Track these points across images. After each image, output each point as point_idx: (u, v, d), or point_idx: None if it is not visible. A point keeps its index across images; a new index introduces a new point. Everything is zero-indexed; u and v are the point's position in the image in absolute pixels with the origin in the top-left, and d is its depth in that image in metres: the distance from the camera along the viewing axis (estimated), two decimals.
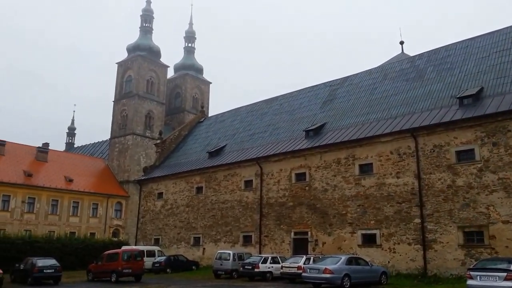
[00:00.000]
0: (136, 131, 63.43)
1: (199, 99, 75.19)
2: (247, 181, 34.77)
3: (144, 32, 71.43)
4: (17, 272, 26.27)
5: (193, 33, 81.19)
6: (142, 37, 70.81)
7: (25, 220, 48.44)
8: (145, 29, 71.61)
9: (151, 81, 67.81)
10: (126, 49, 70.49)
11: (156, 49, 70.61)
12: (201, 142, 45.17)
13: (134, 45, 69.58)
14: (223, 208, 35.90)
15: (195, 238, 37.89)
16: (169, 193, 41.61)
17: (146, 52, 68.34)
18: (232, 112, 46.25)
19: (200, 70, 79.06)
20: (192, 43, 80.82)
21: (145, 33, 71.34)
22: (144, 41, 69.88)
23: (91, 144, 79.70)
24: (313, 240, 28.99)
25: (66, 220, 52.00)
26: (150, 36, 71.66)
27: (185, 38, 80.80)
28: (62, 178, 53.45)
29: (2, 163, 49.41)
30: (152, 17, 72.84)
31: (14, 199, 47.97)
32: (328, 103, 35.06)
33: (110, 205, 57.05)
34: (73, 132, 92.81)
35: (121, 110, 66.02)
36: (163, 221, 41.33)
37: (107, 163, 64.46)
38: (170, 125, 70.41)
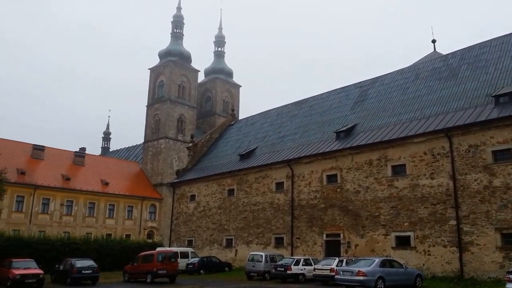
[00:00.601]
0: (168, 135, 64.67)
1: (229, 102, 75.98)
2: (278, 183, 34.88)
3: (175, 38, 72.84)
4: (57, 272, 27.17)
5: (222, 37, 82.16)
6: (173, 43, 72.23)
7: (64, 222, 50.20)
8: (176, 35, 73.02)
9: (182, 85, 69.01)
10: (158, 55, 72.10)
11: (187, 54, 71.83)
12: (232, 145, 45.61)
13: (165, 51, 71.06)
14: (255, 210, 36.13)
15: (228, 240, 38.27)
16: (201, 196, 42.20)
17: (177, 57, 69.63)
18: (262, 114, 46.50)
19: (230, 73, 79.90)
20: (221, 47, 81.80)
21: (176, 38, 72.74)
22: (175, 47, 71.26)
23: (126, 148, 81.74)
24: (346, 242, 28.80)
25: (103, 222, 53.61)
26: (181, 41, 73.02)
27: (214, 43, 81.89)
28: (98, 182, 55.11)
29: (41, 168, 51.40)
30: (182, 23, 74.23)
31: (53, 202, 49.82)
32: (359, 104, 34.79)
33: (145, 208, 58.40)
34: (108, 137, 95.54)
35: (154, 114, 67.47)
36: (195, 223, 41.95)
37: (141, 166, 65.98)
38: (201, 129, 71.43)
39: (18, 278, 23.00)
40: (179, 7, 74.91)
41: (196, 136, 56.09)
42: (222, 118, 67.76)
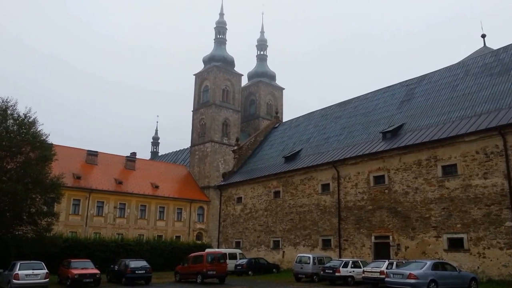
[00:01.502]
0: (214, 139, 65.82)
1: (273, 105, 76.34)
2: (324, 184, 34.77)
3: (218, 43, 74.12)
4: (112, 272, 28.36)
5: (264, 41, 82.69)
6: (217, 48, 73.51)
7: (117, 225, 52.27)
8: (219, 40, 74.28)
9: (226, 90, 70.06)
10: (202, 60, 73.58)
11: (230, 59, 72.87)
12: (276, 147, 45.88)
13: (209, 56, 72.45)
14: (301, 212, 36.17)
15: (275, 242, 38.52)
16: (247, 198, 42.72)
17: (221, 62, 70.80)
18: (305, 116, 46.47)
19: (272, 76, 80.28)
20: (264, 51, 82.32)
21: (219, 44, 73.98)
22: (218, 52, 72.48)
23: (174, 152, 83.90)
24: (395, 245, 28.29)
25: (154, 224, 55.37)
26: (224, 46, 74.19)
27: (257, 46, 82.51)
28: (148, 185, 56.98)
29: (95, 172, 53.80)
30: (225, 29, 75.39)
31: (107, 205, 52.02)
32: (406, 103, 34.08)
33: (193, 210, 59.79)
34: (157, 142, 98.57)
35: (199, 119, 68.92)
36: (243, 224, 42.50)
37: (188, 169, 67.57)
38: (246, 132, 72.18)
39: (76, 278, 24.15)
40: (222, 13, 76.18)
41: (241, 139, 56.80)
42: (266, 121, 68.21)
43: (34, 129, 27.98)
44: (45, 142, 28.65)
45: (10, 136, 26.88)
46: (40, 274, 22.13)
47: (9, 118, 27.45)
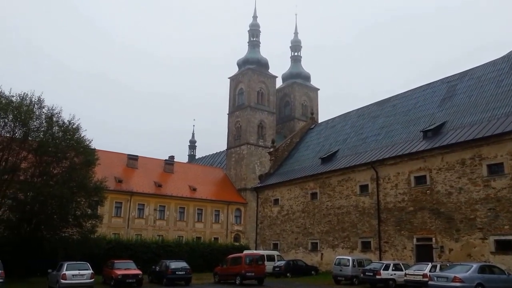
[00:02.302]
0: (250, 141, 66.16)
1: (308, 106, 75.96)
2: (363, 185, 34.24)
3: (252, 46, 74.49)
4: (153, 273, 28.96)
5: (298, 42, 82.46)
6: (251, 51, 73.90)
7: (158, 226, 53.40)
8: (253, 43, 74.65)
9: (261, 92, 70.28)
10: (237, 63, 74.17)
11: (264, 61, 73.06)
12: (313, 148, 45.57)
13: (243, 59, 72.92)
14: (339, 214, 35.77)
15: (313, 244, 38.26)
16: (284, 199, 42.64)
17: (255, 65, 71.11)
18: (342, 117, 45.93)
19: (307, 77, 79.93)
20: (298, 52, 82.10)
21: (253, 47, 74.34)
22: (252, 55, 72.85)
23: (210, 155, 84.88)
24: (438, 247, 27.49)
25: (192, 226, 56.26)
26: (258, 49, 74.48)
27: (291, 48, 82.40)
28: (187, 188, 57.92)
29: (136, 176, 55.18)
30: (259, 31, 75.70)
31: (147, 208, 53.27)
32: (447, 100, 33.10)
33: (230, 212, 60.31)
34: (194, 145, 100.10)
35: (235, 122, 69.43)
36: (280, 226, 42.45)
37: (225, 172, 68.21)
38: (281, 133, 72.14)
39: (120, 278, 24.86)
40: (255, 15, 76.58)
41: (276, 141, 56.79)
42: (301, 122, 67.93)
43: (78, 135, 29.10)
44: (88, 147, 29.72)
45: (56, 142, 28.01)
46: (85, 275, 22.89)
47: (55, 125, 28.64)
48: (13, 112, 26.69)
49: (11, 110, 26.64)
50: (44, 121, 28.32)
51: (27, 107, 27.40)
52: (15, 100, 27.15)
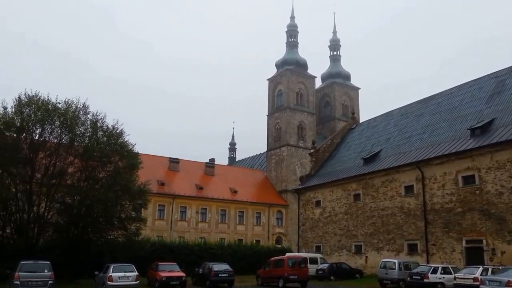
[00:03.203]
0: (290, 142, 65.82)
1: (348, 105, 74.79)
2: (407, 186, 33.21)
3: (290, 46, 74.18)
4: (196, 275, 29.24)
5: (337, 41, 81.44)
6: (289, 52, 73.59)
7: (200, 229, 54.03)
8: (291, 44, 74.33)
9: (300, 93, 69.82)
10: (275, 65, 74.04)
11: (303, 61, 72.57)
12: (354, 148, 44.73)
13: (282, 60, 72.72)
14: (383, 215, 34.85)
15: (356, 246, 37.47)
16: (326, 201, 42.04)
17: (293, 65, 70.75)
18: (384, 116, 44.80)
19: (347, 76, 78.74)
20: (337, 51, 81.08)
21: (291, 47, 74.01)
22: (291, 56, 72.51)
23: (250, 157, 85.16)
24: (490, 249, 26.20)
25: (234, 228, 56.55)
26: (296, 50, 74.08)
27: (329, 47, 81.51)
28: (227, 190, 58.32)
29: (178, 179, 56.11)
30: (296, 32, 75.30)
31: (189, 210, 54.05)
32: (496, 96, 31.54)
33: (272, 214, 60.19)
34: (234, 147, 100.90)
35: (274, 123, 69.30)
36: (322, 228, 41.87)
37: (265, 174, 68.19)
38: (322, 134, 71.35)
39: (164, 280, 25.25)
40: (293, 16, 76.22)
41: (317, 142, 56.19)
42: (342, 122, 66.86)
43: (121, 139, 29.89)
44: (131, 151, 30.43)
45: (101, 147, 28.86)
46: (131, 276, 23.42)
47: (99, 130, 29.54)
48: (59, 119, 27.75)
49: (58, 116, 27.72)
50: (89, 127, 29.31)
51: (73, 113, 28.43)
52: (62, 107, 28.20)
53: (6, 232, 27.33)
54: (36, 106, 27.39)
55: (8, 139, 27.00)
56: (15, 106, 27.34)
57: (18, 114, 27.22)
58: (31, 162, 27.24)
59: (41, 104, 27.57)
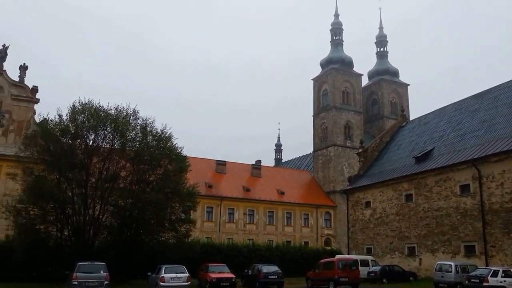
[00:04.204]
0: (336, 142, 64.86)
1: (397, 103, 72.75)
2: (463, 185, 31.75)
3: (334, 45, 73.24)
4: (246, 277, 29.25)
5: (384, 37, 79.52)
6: (334, 50, 72.66)
7: (248, 230, 54.27)
8: (335, 42, 73.38)
9: (346, 91, 68.69)
10: (320, 64, 73.31)
11: (348, 59, 71.36)
12: (405, 147, 43.33)
13: (326, 59, 71.89)
14: (438, 216, 33.48)
15: (409, 248, 36.22)
16: (376, 202, 40.96)
17: (338, 64, 69.74)
18: (436, 113, 43.10)
19: (395, 73, 76.64)
20: (384, 47, 79.17)
21: (336, 45, 73.04)
22: (335, 54, 71.57)
23: (297, 158, 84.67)
24: None
25: (282, 230, 56.37)
26: (341, 48, 73.01)
27: (376, 43, 79.78)
28: (274, 191, 58.22)
29: (225, 181, 56.67)
30: (341, 29, 74.28)
31: (237, 212, 54.43)
32: None
33: (320, 215, 59.49)
34: (280, 148, 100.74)
35: (320, 123, 68.54)
36: (373, 230, 40.81)
37: (312, 175, 67.54)
38: (369, 133, 69.81)
39: (214, 281, 25.50)
40: (337, 13, 75.26)
41: (365, 141, 54.93)
42: (391, 121, 65.22)
43: (170, 143, 30.47)
44: (180, 155, 30.96)
45: (151, 150, 29.55)
46: (182, 277, 23.80)
47: (149, 134, 30.27)
48: (111, 125, 28.70)
49: (109, 122, 28.67)
50: (139, 132, 30.06)
51: (124, 119, 29.30)
52: (113, 113, 29.14)
53: (64, 234, 28.47)
54: (89, 113, 28.49)
55: (64, 145, 28.23)
56: (69, 114, 28.58)
57: (73, 121, 28.42)
58: (86, 167, 28.32)
59: (94, 111, 28.63)
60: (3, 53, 39.61)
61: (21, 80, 40.09)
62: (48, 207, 27.23)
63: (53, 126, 28.37)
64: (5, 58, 39.72)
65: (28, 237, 26.33)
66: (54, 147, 27.75)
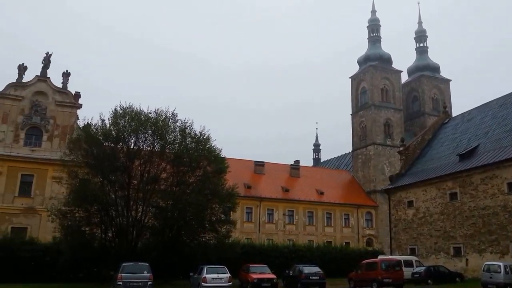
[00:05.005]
0: (376, 141, 63.66)
1: (439, 99, 70.65)
2: (511, 183, 30.37)
3: (372, 42, 72.00)
4: (287, 278, 29.09)
5: (423, 31, 77.52)
6: (371, 47, 71.45)
7: (287, 231, 54.05)
8: (373, 39, 72.15)
9: (385, 89, 67.33)
10: (357, 62, 72.23)
11: (387, 56, 69.95)
12: (448, 144, 41.98)
13: (364, 56, 70.75)
14: (484, 215, 32.22)
15: (455, 248, 35.04)
16: (419, 201, 39.87)
17: (377, 61, 68.47)
18: (480, 108, 41.52)
19: (436, 68, 74.42)
20: (423, 42, 77.13)
21: (373, 42, 71.80)
22: (373, 51, 70.34)
23: (336, 158, 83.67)
24: None
25: (322, 230, 55.78)
26: (379, 44, 71.70)
27: (415, 39, 77.87)
28: (314, 191, 57.73)
29: (263, 181, 56.71)
30: (379, 26, 72.98)
31: (276, 212, 54.35)
32: None
33: (360, 215, 58.49)
34: (318, 148, 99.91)
35: (359, 122, 67.46)
36: (416, 230, 39.73)
37: (352, 174, 66.56)
38: (410, 131, 68.08)
39: (255, 282, 25.47)
40: (374, 10, 73.95)
41: (406, 139, 53.70)
42: (432, 118, 63.32)
43: (209, 145, 30.78)
44: (219, 156, 31.22)
45: (190, 152, 29.96)
46: (224, 278, 23.97)
47: (188, 136, 30.71)
48: (151, 128, 29.30)
49: (150, 125, 29.28)
50: (178, 134, 30.54)
51: (163, 122, 29.86)
52: (152, 116, 29.76)
53: (108, 236, 29.27)
54: (130, 117, 29.20)
55: (106, 149, 29.05)
56: (111, 118, 29.37)
57: (115, 125, 29.20)
58: (128, 170, 29.00)
59: (135, 115, 29.32)
60: (46, 61, 41.04)
61: (64, 86, 41.41)
62: (93, 209, 28.03)
63: (96, 131, 29.26)
64: (49, 65, 41.11)
65: (75, 238, 27.25)
66: (97, 150, 28.57)
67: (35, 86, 40.37)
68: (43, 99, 40.30)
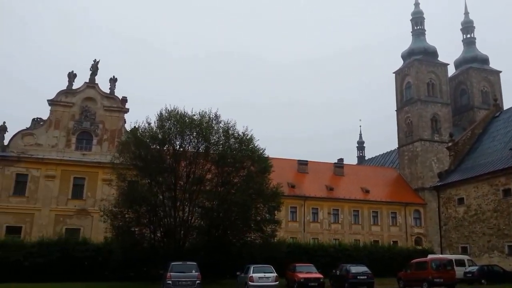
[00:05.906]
0: (423, 137, 61.83)
1: (489, 92, 67.70)
2: None
3: (416, 35, 70.10)
4: (334, 277, 28.85)
5: (470, 22, 74.59)
6: (415, 41, 69.56)
7: (333, 230, 53.45)
8: (417, 32, 70.23)
9: (431, 83, 65.25)
10: (401, 56, 70.46)
11: (432, 49, 67.83)
12: (500, 139, 40.16)
13: (408, 50, 68.97)
14: None
15: (510, 247, 33.48)
16: (470, 198, 38.36)
17: (421, 55, 66.55)
18: None
19: (485, 60, 71.41)
20: (471, 34, 74.23)
21: (417, 36, 69.86)
22: (418, 44, 68.47)
23: (381, 155, 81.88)
24: None
25: (369, 229, 54.76)
26: (423, 37, 69.70)
27: (461, 30, 75.16)
28: (359, 190, 56.77)
29: (307, 180, 56.38)
30: (423, 18, 70.98)
31: (321, 211, 53.88)
32: None
33: (408, 213, 56.97)
34: (362, 146, 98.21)
35: (404, 118, 65.75)
36: (468, 228, 38.25)
37: (398, 171, 64.91)
38: (459, 126, 65.64)
39: (302, 281, 25.40)
40: (417, 2, 71.79)
41: (454, 134, 51.71)
42: (482, 111, 60.75)
43: (252, 145, 30.99)
44: (262, 156, 31.36)
45: (233, 153, 30.29)
46: (270, 277, 24.10)
47: (231, 137, 31.05)
48: (196, 129, 29.85)
49: (194, 127, 29.84)
50: (221, 135, 30.95)
51: (207, 123, 30.35)
52: (196, 118, 30.30)
53: (156, 236, 30.08)
54: (175, 119, 29.90)
55: (153, 151, 29.88)
56: (157, 121, 30.22)
57: (161, 128, 30.01)
58: (174, 171, 29.72)
59: (179, 117, 29.99)
60: (94, 68, 42.68)
61: (112, 92, 42.90)
62: (142, 210, 28.85)
63: (143, 133, 30.14)
64: (97, 72, 42.72)
65: (125, 239, 28.23)
66: (145, 153, 29.46)
67: (85, 93, 42.05)
68: (92, 104, 41.92)
